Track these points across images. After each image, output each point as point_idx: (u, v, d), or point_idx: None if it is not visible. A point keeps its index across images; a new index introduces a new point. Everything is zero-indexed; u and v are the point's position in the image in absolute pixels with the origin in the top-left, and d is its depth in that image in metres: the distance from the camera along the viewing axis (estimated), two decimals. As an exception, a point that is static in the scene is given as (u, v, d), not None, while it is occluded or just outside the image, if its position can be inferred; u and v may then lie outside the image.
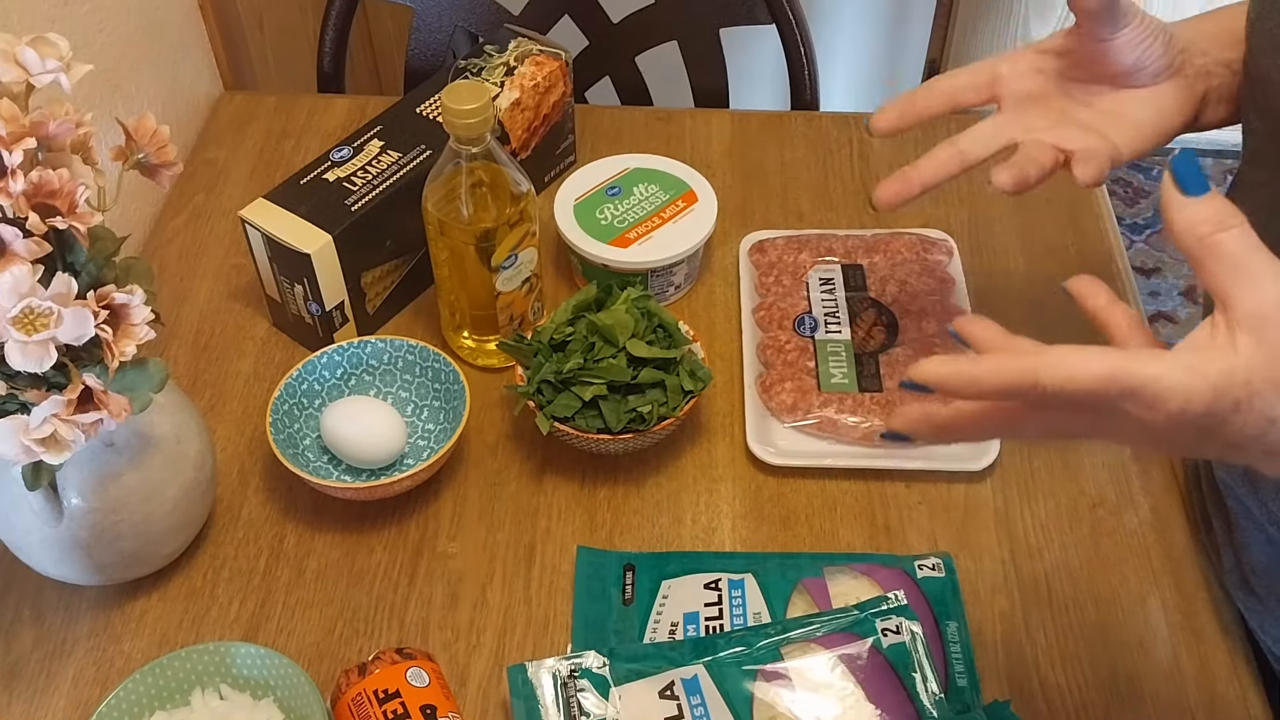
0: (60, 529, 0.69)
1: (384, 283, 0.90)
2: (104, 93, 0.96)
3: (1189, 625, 0.74)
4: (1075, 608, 0.75)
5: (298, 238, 0.83)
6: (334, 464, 0.82)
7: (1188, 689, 0.71)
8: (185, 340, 0.92)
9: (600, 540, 0.79)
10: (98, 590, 0.77)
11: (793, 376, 0.85)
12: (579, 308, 0.82)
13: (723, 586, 0.74)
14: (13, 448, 0.57)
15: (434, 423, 0.84)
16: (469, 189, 0.80)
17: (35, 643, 0.75)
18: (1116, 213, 2.27)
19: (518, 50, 0.97)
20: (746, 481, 0.82)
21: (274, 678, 0.68)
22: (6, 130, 0.56)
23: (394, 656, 0.67)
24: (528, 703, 0.67)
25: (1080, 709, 0.70)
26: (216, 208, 1.02)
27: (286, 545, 0.79)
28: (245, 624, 0.75)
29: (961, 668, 0.69)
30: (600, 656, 0.68)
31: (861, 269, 0.92)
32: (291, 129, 1.09)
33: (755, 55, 1.49)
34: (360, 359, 0.84)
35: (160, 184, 0.68)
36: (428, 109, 0.94)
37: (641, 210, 0.92)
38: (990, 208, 1.00)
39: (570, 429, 0.78)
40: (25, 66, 0.59)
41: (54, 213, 0.58)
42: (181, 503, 0.73)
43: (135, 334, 0.60)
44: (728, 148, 1.07)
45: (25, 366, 0.56)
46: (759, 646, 0.68)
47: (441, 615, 0.75)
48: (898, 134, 0.73)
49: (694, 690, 0.67)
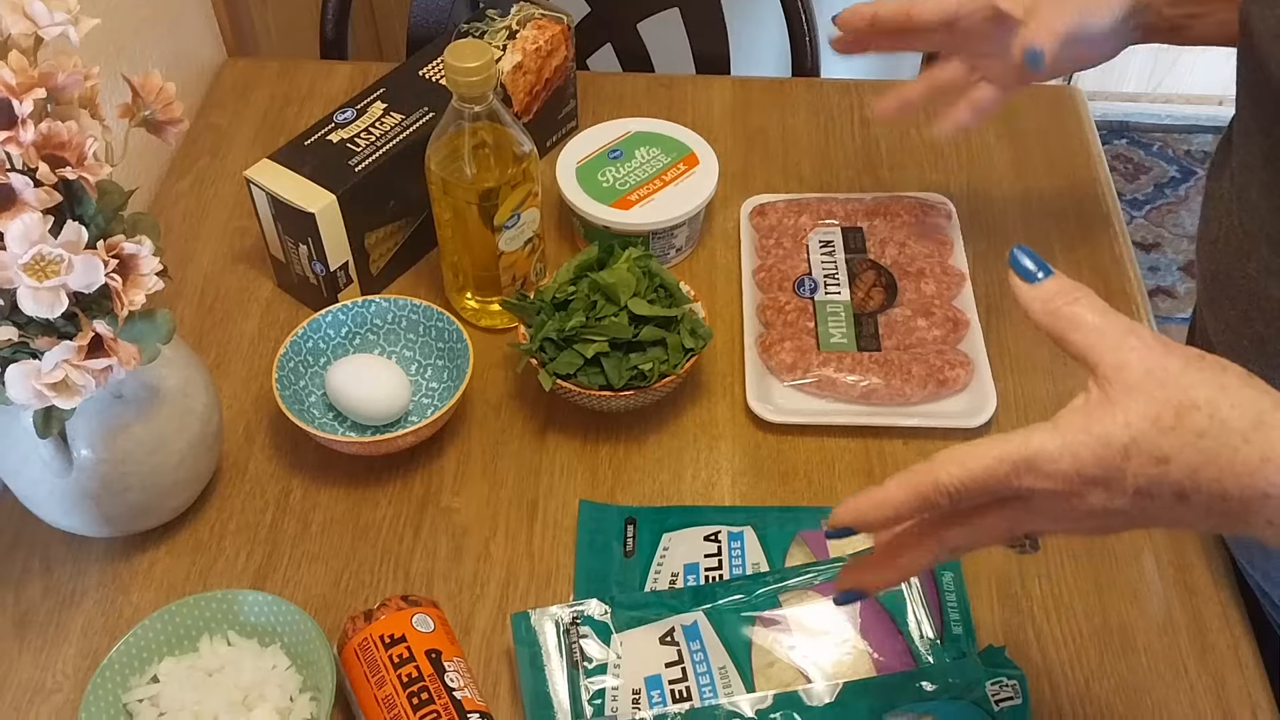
0: (70, 480, 0.70)
1: (387, 244, 0.91)
2: (108, 55, 0.96)
3: (1182, 580, 0.75)
4: (1070, 561, 0.76)
5: (302, 197, 0.84)
6: (339, 421, 0.83)
7: (1180, 639, 0.72)
8: (190, 301, 0.92)
9: (602, 496, 0.80)
10: (106, 542, 0.78)
11: (792, 336, 0.86)
12: (581, 267, 0.83)
13: (722, 539, 0.75)
14: (25, 391, 0.58)
15: (438, 381, 0.85)
16: (472, 149, 0.81)
17: (45, 593, 0.76)
18: (1116, 188, 2.28)
19: (520, 14, 0.98)
20: (746, 439, 0.83)
21: (281, 624, 0.69)
22: (16, 80, 0.57)
23: (400, 603, 0.68)
24: (531, 649, 0.68)
25: (1074, 658, 0.71)
26: (220, 171, 1.02)
27: (292, 500, 0.80)
28: (252, 576, 0.77)
29: (957, 616, 0.71)
30: (602, 604, 0.69)
31: (861, 231, 0.93)
32: (295, 94, 1.09)
33: (757, 22, 1.49)
34: (364, 318, 0.85)
35: (166, 140, 0.69)
36: (430, 72, 0.94)
37: (643, 173, 0.93)
38: (989, 172, 1.01)
39: (572, 386, 0.79)
40: (34, 19, 0.60)
41: (63, 164, 0.59)
42: (188, 456, 0.74)
43: (144, 284, 0.61)
44: (729, 113, 1.07)
45: (37, 312, 0.57)
46: (757, 594, 0.69)
47: (446, 567, 0.76)
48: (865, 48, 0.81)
49: (694, 636, 0.68)
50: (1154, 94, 2.39)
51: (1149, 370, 0.47)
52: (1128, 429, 0.46)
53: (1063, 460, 0.47)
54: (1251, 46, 0.64)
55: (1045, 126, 1.05)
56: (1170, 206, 2.26)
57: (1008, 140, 1.04)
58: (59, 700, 0.71)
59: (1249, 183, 0.68)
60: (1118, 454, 0.46)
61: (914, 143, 1.04)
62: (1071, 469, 0.47)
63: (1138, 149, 2.36)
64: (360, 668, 0.66)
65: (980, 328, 0.87)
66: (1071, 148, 1.04)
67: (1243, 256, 0.69)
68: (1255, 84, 0.65)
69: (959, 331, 0.86)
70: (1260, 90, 0.64)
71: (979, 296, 0.90)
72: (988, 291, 0.91)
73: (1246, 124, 0.68)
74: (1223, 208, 0.72)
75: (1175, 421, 0.46)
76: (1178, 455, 0.46)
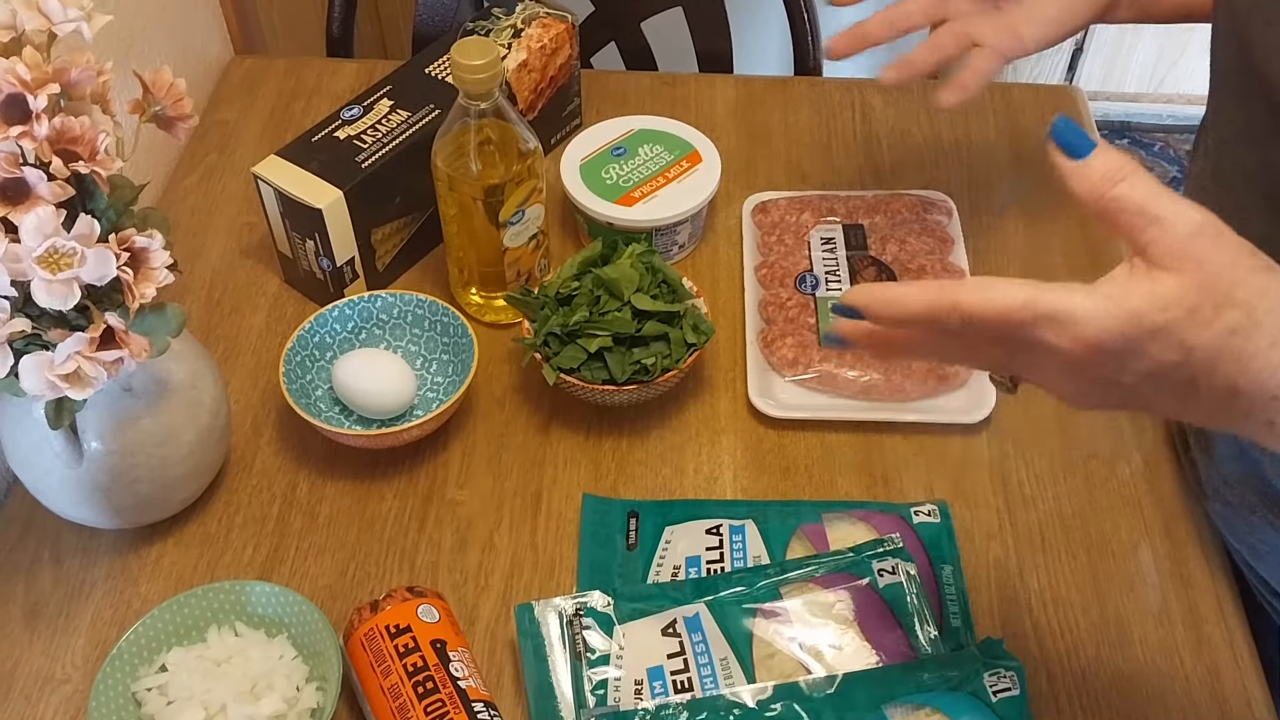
0: (80, 471, 0.71)
1: (393, 240, 0.92)
2: (119, 52, 0.97)
3: (1178, 572, 0.76)
4: (1068, 554, 0.77)
5: (309, 193, 0.85)
6: (345, 415, 0.84)
7: (1175, 631, 0.73)
8: (199, 295, 0.93)
9: (605, 490, 0.81)
10: (115, 534, 0.79)
11: (794, 332, 0.87)
12: (585, 263, 0.84)
13: (724, 532, 0.76)
14: (38, 382, 0.59)
15: (443, 375, 0.86)
16: (477, 146, 0.82)
17: (55, 584, 0.77)
18: (1118, 188, 2.28)
19: (525, 13, 0.99)
20: (748, 433, 0.84)
21: (288, 615, 0.70)
22: (31, 76, 0.58)
23: (405, 594, 0.69)
24: (534, 640, 0.69)
25: (1071, 649, 0.72)
26: (228, 167, 1.03)
27: (299, 493, 0.81)
28: (259, 568, 0.77)
29: (956, 609, 0.71)
30: (605, 596, 0.70)
31: (862, 228, 0.94)
32: (301, 91, 1.10)
33: (759, 21, 1.50)
34: (370, 313, 0.86)
35: (176, 136, 0.70)
36: (436, 69, 0.95)
37: (646, 170, 0.94)
38: (989, 169, 1.02)
39: (576, 380, 0.80)
40: (48, 15, 0.61)
41: (76, 158, 0.60)
42: (197, 448, 0.75)
43: (155, 277, 0.62)
44: (732, 111, 1.08)
45: (50, 304, 0.58)
46: (759, 586, 0.70)
47: (450, 559, 0.77)
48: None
49: (695, 628, 0.69)
50: (1155, 94, 2.39)
51: (1198, 260, 0.45)
52: (1164, 313, 0.46)
53: (1089, 326, 0.46)
54: (1229, 22, 0.66)
55: (1046, 124, 1.05)
56: (1171, 206, 2.27)
57: (1008, 138, 1.05)
58: (69, 690, 0.72)
59: (1222, 158, 0.69)
60: (1146, 334, 0.46)
61: (915, 141, 1.04)
62: (1095, 336, 0.46)
63: (1139, 149, 2.37)
64: (366, 658, 0.67)
65: (980, 324, 0.87)
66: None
67: None
68: (1230, 57, 0.67)
69: (959, 328, 0.87)
70: (1235, 62, 0.66)
71: (979, 293, 0.90)
72: (988, 288, 0.92)
73: (1219, 99, 0.69)
74: (1198, 184, 0.73)
75: (1213, 315, 0.45)
76: (1204, 347, 0.46)
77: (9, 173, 0.58)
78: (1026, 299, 0.46)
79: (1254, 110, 0.65)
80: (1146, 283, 0.46)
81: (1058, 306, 0.46)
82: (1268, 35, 0.61)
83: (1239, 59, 0.65)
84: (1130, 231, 0.47)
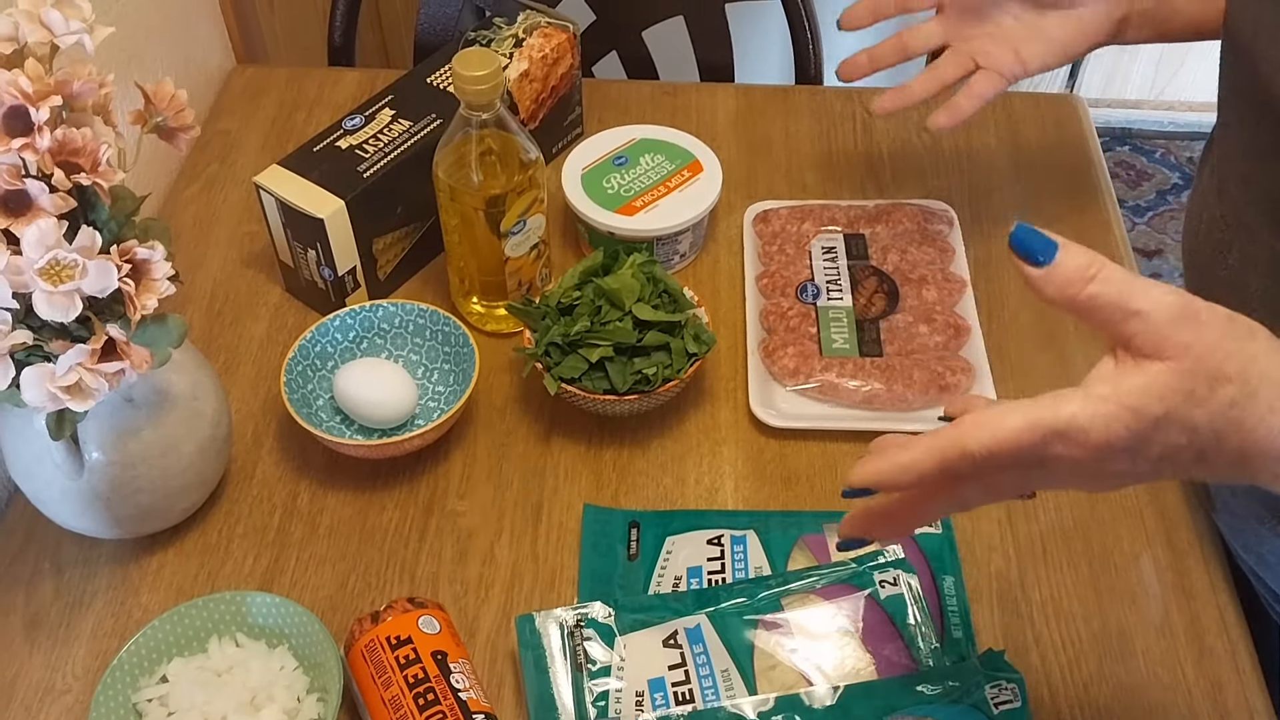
0: (81, 482, 0.71)
1: (394, 250, 0.92)
2: (120, 63, 0.98)
3: (1180, 584, 0.76)
4: (1069, 566, 0.77)
5: (311, 203, 0.85)
6: (346, 424, 0.84)
7: (1178, 643, 0.73)
8: (200, 305, 0.93)
9: (606, 500, 0.81)
10: (116, 544, 0.79)
11: (795, 342, 0.87)
12: (586, 273, 0.84)
13: (725, 542, 0.76)
14: (39, 394, 0.59)
15: (444, 385, 0.86)
16: (479, 156, 0.82)
17: (55, 594, 0.77)
18: (1119, 195, 2.29)
19: (526, 22, 0.99)
20: (749, 443, 0.84)
21: (288, 626, 0.70)
22: (33, 88, 0.58)
23: (406, 605, 0.69)
24: (535, 651, 0.69)
25: (1073, 662, 0.72)
26: (230, 177, 1.03)
27: (300, 503, 0.81)
28: (260, 578, 0.77)
29: (957, 620, 0.71)
30: (606, 607, 0.70)
31: (864, 238, 0.94)
32: (303, 101, 1.10)
33: (760, 31, 1.50)
34: (372, 322, 0.86)
35: (177, 147, 0.70)
36: (438, 79, 0.95)
37: (648, 179, 0.94)
38: (990, 179, 1.02)
39: (577, 390, 0.80)
40: (50, 27, 0.61)
41: (78, 170, 0.60)
42: (197, 459, 0.75)
43: (156, 288, 0.62)
44: (733, 121, 1.08)
45: (52, 316, 0.58)
46: (760, 597, 0.70)
47: (451, 570, 0.77)
48: (871, 24, 0.84)
49: (697, 639, 0.69)
50: (1156, 101, 2.40)
51: (1184, 345, 0.46)
52: (1162, 402, 0.46)
53: (1094, 431, 0.46)
54: (1236, 40, 0.65)
55: (1047, 133, 1.06)
56: (1172, 213, 2.27)
57: (1009, 147, 1.05)
58: (69, 700, 0.72)
59: (1228, 174, 0.69)
60: (1150, 425, 0.46)
61: (916, 150, 1.05)
62: (1103, 439, 0.46)
63: (1140, 156, 2.37)
64: (367, 669, 0.67)
65: (981, 334, 0.87)
66: (1073, 155, 1.04)
67: (1223, 248, 0.70)
68: (1238, 75, 0.66)
69: (960, 338, 0.87)
70: (1243, 80, 0.65)
71: (980, 303, 0.90)
72: (989, 298, 0.92)
73: (1227, 116, 0.69)
74: (1204, 200, 0.73)
75: (1208, 394, 0.46)
76: (1207, 425, 0.46)
77: (11, 185, 0.58)
78: (1029, 422, 0.46)
79: (1261, 128, 0.65)
80: (1138, 376, 0.46)
81: (1060, 420, 0.46)
82: (1274, 55, 0.62)
83: (1247, 78, 0.65)
84: (1110, 326, 0.47)
